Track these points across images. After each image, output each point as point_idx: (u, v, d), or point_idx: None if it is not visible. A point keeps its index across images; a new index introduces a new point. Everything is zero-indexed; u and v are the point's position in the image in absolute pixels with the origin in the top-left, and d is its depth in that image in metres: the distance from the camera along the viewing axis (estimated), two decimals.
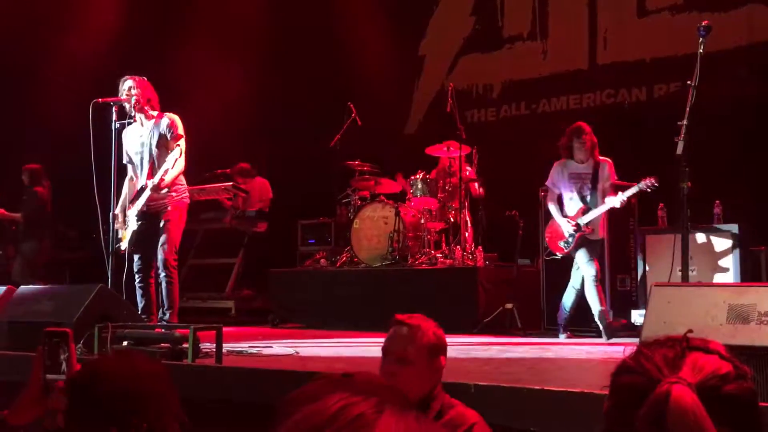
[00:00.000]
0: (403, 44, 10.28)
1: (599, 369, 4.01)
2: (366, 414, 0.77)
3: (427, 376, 2.42)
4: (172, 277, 5.45)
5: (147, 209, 5.53)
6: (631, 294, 6.11)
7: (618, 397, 1.09)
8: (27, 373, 4.09)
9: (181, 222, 5.60)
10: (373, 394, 0.82)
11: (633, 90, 8.78)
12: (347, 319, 7.01)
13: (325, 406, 0.79)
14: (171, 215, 5.51)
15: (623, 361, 1.11)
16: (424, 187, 7.55)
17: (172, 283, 5.45)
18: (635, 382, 1.06)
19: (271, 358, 4.48)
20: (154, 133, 5.56)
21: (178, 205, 5.58)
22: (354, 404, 0.78)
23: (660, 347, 1.10)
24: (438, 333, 2.50)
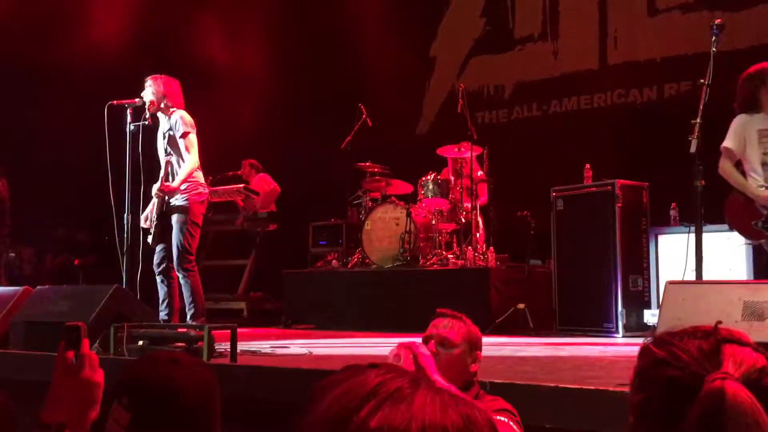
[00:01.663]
0: (414, 45, 10.30)
1: (613, 367, 4.01)
2: (403, 387, 0.79)
3: (465, 365, 2.49)
4: (187, 278, 5.42)
5: (164, 208, 5.55)
6: (643, 294, 6.09)
7: (652, 391, 1.06)
8: (43, 372, 4.13)
9: (193, 217, 5.52)
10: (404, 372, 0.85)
11: (644, 89, 8.78)
12: (359, 319, 7.03)
13: (363, 381, 0.81)
14: (182, 215, 5.50)
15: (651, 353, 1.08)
16: (435, 188, 7.56)
17: (190, 284, 5.42)
18: (673, 376, 1.03)
19: (285, 358, 4.50)
20: (167, 131, 5.60)
21: (190, 200, 5.53)
22: (391, 379, 0.81)
23: (692, 338, 1.07)
24: (478, 332, 2.62)
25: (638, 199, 6.23)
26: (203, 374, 1.50)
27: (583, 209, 6.31)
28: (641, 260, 6.14)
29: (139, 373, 1.47)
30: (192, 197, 5.55)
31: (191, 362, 1.52)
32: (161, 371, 1.45)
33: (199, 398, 1.44)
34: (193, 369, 1.49)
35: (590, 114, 9.02)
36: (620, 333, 5.89)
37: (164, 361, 1.49)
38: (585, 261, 6.22)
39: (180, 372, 1.46)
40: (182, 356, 1.53)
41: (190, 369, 1.48)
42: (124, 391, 1.45)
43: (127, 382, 1.47)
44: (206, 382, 1.49)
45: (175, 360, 1.48)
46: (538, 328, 6.24)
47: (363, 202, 8.05)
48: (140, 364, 1.51)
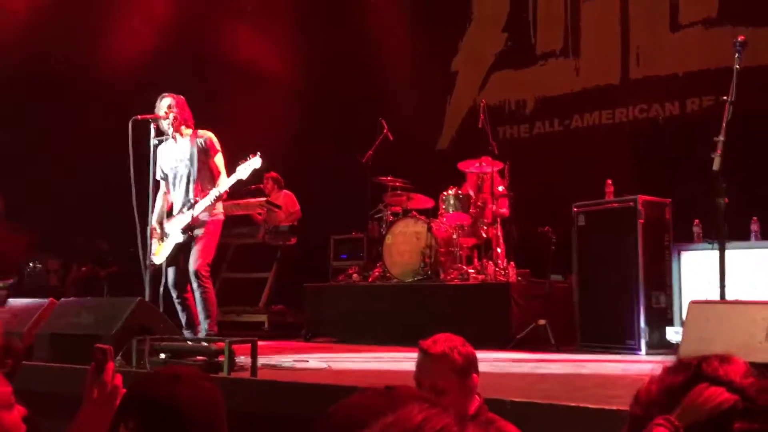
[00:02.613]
0: (436, 60, 10.34)
1: (635, 386, 3.97)
2: (450, 425, 0.80)
3: (462, 399, 2.40)
4: (205, 287, 5.49)
5: (192, 224, 5.62)
6: (666, 311, 6.04)
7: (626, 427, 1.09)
8: (67, 384, 4.17)
9: (213, 236, 5.66)
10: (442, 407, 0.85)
11: (666, 105, 8.73)
12: (379, 333, 7.03)
13: (407, 416, 0.81)
14: (206, 228, 5.60)
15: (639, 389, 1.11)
16: (456, 202, 7.56)
17: (207, 293, 5.49)
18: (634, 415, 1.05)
19: (304, 372, 4.52)
20: (194, 150, 5.67)
21: (212, 220, 5.66)
22: (436, 415, 0.81)
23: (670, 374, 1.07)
24: (465, 351, 2.46)
25: (661, 215, 6.18)
26: (206, 389, 1.48)
27: (604, 225, 6.27)
28: (664, 277, 6.09)
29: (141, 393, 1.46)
30: (215, 215, 5.69)
31: (193, 378, 1.49)
32: (163, 389, 1.44)
33: (204, 414, 1.43)
34: (196, 385, 1.48)
35: (612, 129, 8.99)
36: (643, 350, 5.83)
37: (165, 379, 1.47)
38: (607, 277, 6.17)
39: (182, 389, 1.44)
40: (184, 372, 1.50)
41: (192, 385, 1.47)
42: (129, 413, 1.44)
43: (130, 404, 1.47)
44: (210, 397, 1.47)
45: (177, 376, 1.47)
46: (559, 345, 6.20)
47: (384, 216, 8.07)
48: (142, 384, 1.50)
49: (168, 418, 1.39)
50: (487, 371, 4.86)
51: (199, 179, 5.64)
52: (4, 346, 3.21)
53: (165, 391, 1.43)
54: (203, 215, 5.60)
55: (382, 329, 7.14)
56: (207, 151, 5.65)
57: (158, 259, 5.65)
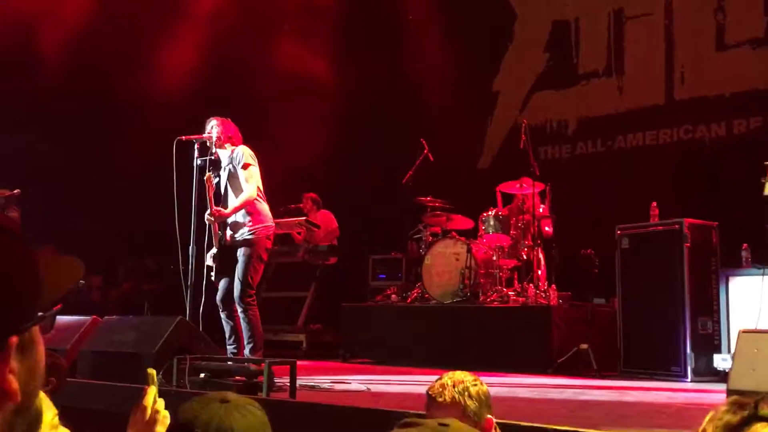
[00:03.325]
0: (477, 80, 10.31)
1: (682, 415, 3.87)
2: None
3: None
4: (247, 312, 5.37)
5: (227, 242, 5.61)
6: (713, 337, 5.89)
7: None
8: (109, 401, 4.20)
9: (255, 256, 5.49)
10: None
11: (712, 125, 8.57)
12: (417, 355, 6.98)
13: None
14: (244, 249, 5.49)
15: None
16: (497, 223, 7.50)
17: (250, 320, 5.36)
18: None
19: (343, 394, 4.49)
20: (229, 166, 5.70)
21: (252, 238, 5.53)
22: None
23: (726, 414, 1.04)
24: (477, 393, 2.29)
25: (707, 238, 6.06)
26: (256, 414, 1.46)
27: (649, 248, 6.16)
28: (711, 302, 5.95)
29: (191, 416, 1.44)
30: (260, 231, 5.56)
31: (242, 401, 1.47)
32: (211, 412, 1.42)
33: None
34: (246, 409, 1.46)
35: (656, 150, 8.85)
36: (689, 377, 5.69)
37: (213, 401, 1.46)
38: (651, 301, 6.05)
39: (233, 413, 1.43)
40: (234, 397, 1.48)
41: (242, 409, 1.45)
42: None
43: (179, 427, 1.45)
44: (259, 421, 1.45)
45: (226, 400, 1.45)
46: (602, 370, 6.08)
47: (423, 237, 8.04)
48: (191, 407, 1.47)
49: None
50: (527, 396, 4.80)
51: (230, 196, 5.60)
52: (48, 364, 3.25)
53: (212, 413, 1.41)
54: (240, 234, 5.56)
55: (420, 351, 7.08)
56: (238, 164, 5.57)
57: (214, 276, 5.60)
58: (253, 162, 5.59)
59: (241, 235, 5.53)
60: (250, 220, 5.55)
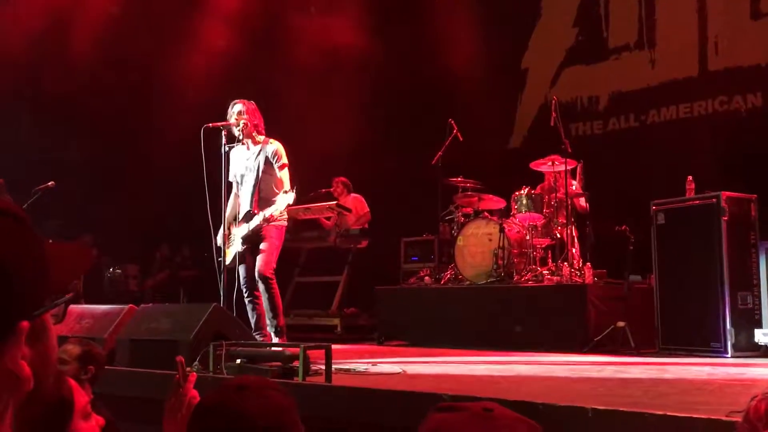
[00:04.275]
0: (506, 58, 10.20)
1: (724, 392, 3.80)
2: None
3: None
4: (270, 286, 5.63)
5: (249, 232, 5.74)
6: (753, 312, 5.78)
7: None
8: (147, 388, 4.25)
9: (277, 240, 5.77)
10: None
11: (748, 96, 8.39)
12: (452, 336, 6.96)
13: None
14: (269, 233, 5.71)
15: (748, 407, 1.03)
16: (529, 202, 7.43)
17: (272, 293, 5.64)
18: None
19: (379, 377, 4.49)
20: (260, 159, 5.75)
21: (277, 225, 5.78)
22: None
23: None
24: None
25: (746, 211, 5.92)
26: (275, 398, 1.43)
27: (686, 223, 6.05)
28: (750, 276, 5.83)
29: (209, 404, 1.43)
30: (281, 224, 5.80)
31: (262, 387, 1.45)
32: (229, 400, 1.40)
33: (272, 425, 1.38)
34: (264, 394, 1.43)
35: (691, 123, 8.68)
36: (729, 353, 5.60)
37: (232, 390, 1.44)
38: (689, 277, 5.95)
39: (249, 399, 1.40)
40: (252, 381, 1.46)
41: (260, 395, 1.42)
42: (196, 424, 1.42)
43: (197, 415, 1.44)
44: (279, 407, 1.42)
45: (244, 386, 1.43)
46: (640, 348, 6.01)
47: (455, 218, 7.99)
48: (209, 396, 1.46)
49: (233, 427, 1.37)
50: (565, 376, 4.75)
51: (263, 190, 5.76)
52: (86, 352, 3.29)
53: (231, 402, 1.40)
54: (265, 224, 5.70)
55: (454, 332, 7.07)
56: (274, 163, 5.74)
57: (226, 260, 5.77)
58: (287, 163, 5.78)
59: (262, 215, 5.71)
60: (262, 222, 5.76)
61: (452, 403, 1.24)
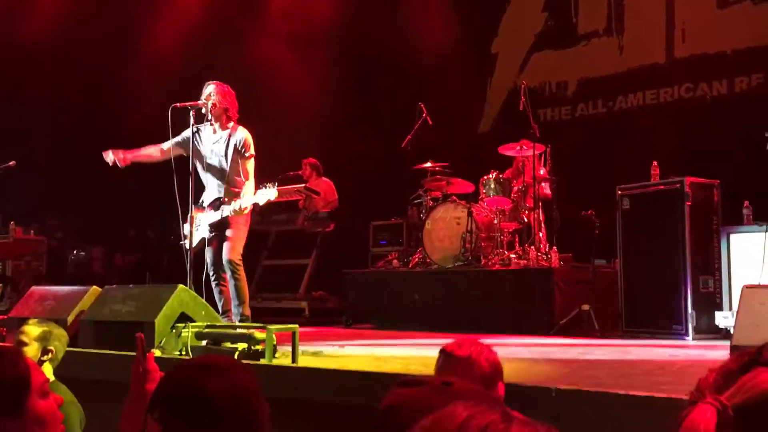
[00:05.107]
0: (476, 42, 10.19)
1: (684, 372, 3.87)
2: (495, 422, 0.74)
3: None
4: (238, 273, 5.62)
5: (218, 222, 5.72)
6: (714, 295, 5.88)
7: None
8: (110, 371, 4.20)
9: (245, 226, 5.77)
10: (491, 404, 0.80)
11: (713, 83, 8.49)
12: (420, 319, 6.99)
13: (452, 413, 0.76)
14: (234, 220, 5.68)
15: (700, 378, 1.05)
16: (498, 186, 7.46)
17: (239, 280, 5.63)
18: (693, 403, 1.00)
19: (346, 359, 4.49)
20: (229, 145, 5.69)
21: (246, 213, 5.75)
22: (480, 413, 0.76)
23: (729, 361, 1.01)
24: (492, 358, 2.31)
25: (709, 197, 6.02)
26: (239, 378, 1.40)
27: (650, 208, 6.12)
28: (712, 260, 5.93)
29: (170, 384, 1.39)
30: (250, 209, 5.78)
31: (225, 366, 1.41)
32: (191, 380, 1.37)
33: (235, 404, 1.35)
34: (228, 373, 1.39)
35: (657, 110, 8.78)
36: (690, 336, 5.70)
37: (195, 368, 1.41)
38: (652, 261, 6.04)
39: (213, 379, 1.37)
40: (216, 361, 1.43)
41: (224, 375, 1.38)
42: (157, 404, 1.38)
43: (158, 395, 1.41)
44: (243, 387, 1.39)
45: (208, 366, 1.40)
46: (604, 330, 6.09)
47: (424, 202, 8.00)
48: (171, 374, 1.42)
49: (195, 410, 1.33)
50: (530, 357, 4.80)
51: (231, 178, 5.72)
52: (46, 333, 3.24)
53: (193, 380, 1.36)
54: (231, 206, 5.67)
55: (422, 315, 7.10)
56: (242, 152, 5.70)
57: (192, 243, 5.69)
58: (254, 152, 5.76)
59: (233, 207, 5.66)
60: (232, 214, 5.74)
61: (412, 377, 1.24)
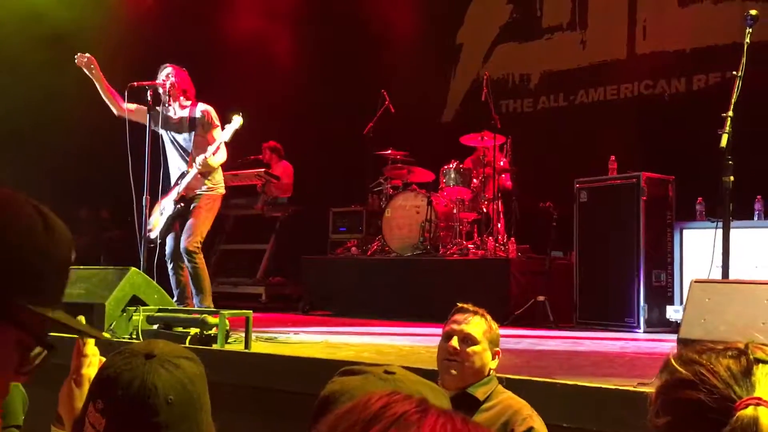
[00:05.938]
0: (441, 32, 10.18)
1: (633, 364, 3.93)
2: (409, 413, 0.73)
3: (485, 362, 2.48)
4: (196, 263, 5.43)
5: (183, 195, 5.56)
6: (666, 289, 5.99)
7: (676, 415, 0.98)
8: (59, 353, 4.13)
9: (209, 211, 5.59)
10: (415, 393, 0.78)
11: (672, 81, 8.61)
12: (377, 307, 7.00)
13: (367, 403, 0.75)
14: (201, 202, 5.53)
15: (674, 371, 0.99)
16: (458, 176, 7.48)
17: (198, 269, 5.43)
18: (700, 400, 0.94)
19: (300, 345, 4.47)
20: (188, 122, 5.59)
21: (211, 195, 5.61)
22: (396, 403, 0.74)
23: (720, 357, 0.99)
24: (496, 327, 2.60)
25: (664, 192, 6.12)
26: (184, 367, 1.35)
27: (607, 201, 6.21)
28: (665, 255, 6.04)
29: (113, 372, 1.33)
30: (218, 192, 5.66)
31: (170, 355, 1.36)
32: (133, 368, 1.32)
33: (181, 393, 1.31)
34: (172, 363, 1.35)
35: (617, 105, 8.87)
36: (642, 328, 5.80)
37: (138, 356, 1.35)
38: (607, 254, 6.12)
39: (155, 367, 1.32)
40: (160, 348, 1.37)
41: (167, 363, 1.34)
42: (99, 393, 1.33)
43: (100, 383, 1.35)
44: (187, 376, 1.35)
45: (151, 354, 1.34)
46: (558, 321, 6.16)
47: (384, 190, 8.00)
48: (113, 361, 1.36)
49: (137, 399, 1.30)
50: None
51: (195, 152, 5.56)
52: None
53: (136, 370, 1.32)
54: (199, 188, 5.54)
55: (380, 303, 7.10)
56: (205, 124, 5.58)
57: (154, 233, 5.56)
58: (219, 124, 5.60)
59: (201, 189, 5.56)
60: (210, 177, 5.61)
61: (354, 367, 1.23)
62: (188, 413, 1.32)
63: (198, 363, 1.41)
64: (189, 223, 5.48)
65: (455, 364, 2.43)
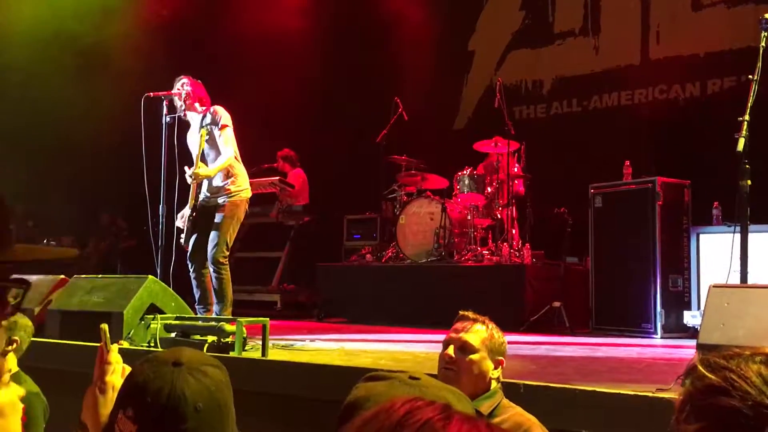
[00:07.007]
0: (453, 39, 10.20)
1: (651, 370, 3.91)
2: (433, 419, 0.74)
3: (484, 371, 2.41)
4: (221, 274, 5.40)
5: (204, 202, 5.55)
6: (683, 294, 5.96)
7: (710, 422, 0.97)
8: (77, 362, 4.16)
9: (232, 219, 5.52)
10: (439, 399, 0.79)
11: (686, 85, 8.57)
12: (392, 314, 7.00)
13: (391, 409, 0.76)
14: (225, 211, 5.48)
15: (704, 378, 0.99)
16: (471, 183, 7.48)
17: (223, 280, 5.40)
18: (734, 407, 0.94)
19: (317, 353, 4.48)
20: (206, 127, 5.59)
21: (234, 200, 5.53)
22: (420, 409, 0.75)
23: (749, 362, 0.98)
24: (500, 335, 2.52)
25: (679, 197, 6.09)
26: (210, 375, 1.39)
27: (622, 207, 6.18)
28: (681, 260, 6.00)
29: (142, 380, 1.37)
30: (240, 197, 5.58)
31: (197, 362, 1.39)
32: (162, 377, 1.35)
33: (206, 401, 1.34)
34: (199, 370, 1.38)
35: (631, 110, 8.85)
36: (659, 334, 5.77)
37: (165, 364, 1.38)
38: (623, 259, 6.10)
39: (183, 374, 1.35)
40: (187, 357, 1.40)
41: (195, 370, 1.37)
42: (128, 400, 1.36)
43: (129, 391, 1.38)
44: (214, 383, 1.38)
45: (178, 362, 1.38)
46: (574, 327, 6.14)
47: (398, 197, 8.01)
48: (141, 369, 1.40)
49: (167, 407, 1.31)
50: None
51: (212, 154, 5.53)
52: (11, 323, 3.19)
53: (164, 377, 1.34)
54: (221, 195, 5.52)
55: (394, 310, 7.10)
56: (216, 124, 5.49)
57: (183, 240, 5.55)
58: (230, 124, 5.54)
59: (222, 196, 5.53)
60: (232, 182, 5.56)
61: (378, 372, 1.24)
62: (215, 420, 1.33)
63: (223, 370, 1.43)
64: (213, 234, 5.43)
65: (452, 373, 2.38)
